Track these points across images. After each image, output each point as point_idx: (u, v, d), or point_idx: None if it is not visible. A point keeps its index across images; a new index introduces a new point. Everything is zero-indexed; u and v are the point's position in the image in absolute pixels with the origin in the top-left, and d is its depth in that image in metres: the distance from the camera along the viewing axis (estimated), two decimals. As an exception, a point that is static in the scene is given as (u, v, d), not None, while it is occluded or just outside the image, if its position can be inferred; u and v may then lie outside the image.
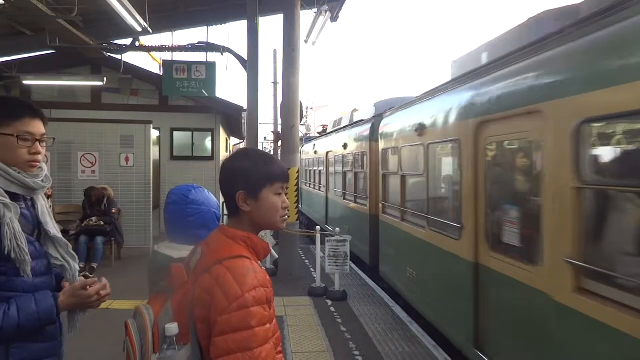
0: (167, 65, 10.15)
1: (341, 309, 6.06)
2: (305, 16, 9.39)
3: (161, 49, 10.45)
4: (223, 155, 12.63)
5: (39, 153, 1.61)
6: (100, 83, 10.21)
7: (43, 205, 1.69)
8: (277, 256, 8.01)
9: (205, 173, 11.73)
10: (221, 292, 1.21)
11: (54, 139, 1.76)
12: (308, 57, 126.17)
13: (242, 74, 11.06)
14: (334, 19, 8.74)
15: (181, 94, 10.51)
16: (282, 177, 1.45)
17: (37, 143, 1.60)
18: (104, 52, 10.34)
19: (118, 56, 10.44)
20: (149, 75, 11.80)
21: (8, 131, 1.56)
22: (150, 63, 33.04)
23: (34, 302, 1.50)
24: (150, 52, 11.35)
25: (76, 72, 11.22)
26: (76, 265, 1.70)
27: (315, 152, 13.63)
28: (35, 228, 1.62)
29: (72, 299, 1.59)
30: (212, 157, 11.98)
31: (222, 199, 1.53)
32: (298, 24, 7.68)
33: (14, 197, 1.55)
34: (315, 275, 7.04)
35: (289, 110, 7.74)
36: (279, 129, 8.89)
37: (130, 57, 18.00)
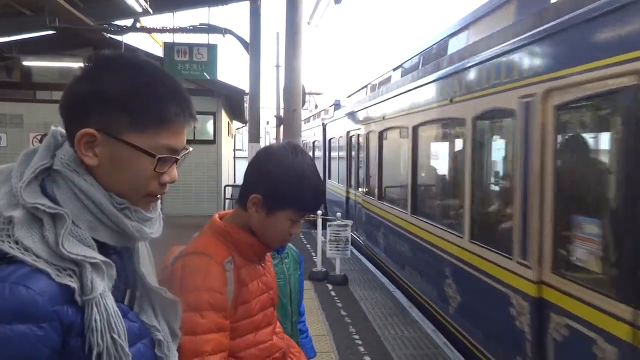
0: (168, 47, 10.05)
1: (342, 293, 6.10)
2: (308, -2, 9.26)
3: (162, 30, 10.34)
4: (225, 139, 12.55)
5: (173, 181, 0.92)
6: (101, 65, 10.11)
7: (146, 248, 1.01)
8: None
9: (207, 157, 11.69)
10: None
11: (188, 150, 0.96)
12: (311, 42, 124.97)
13: (245, 58, 10.98)
14: (337, 0, 8.58)
15: (182, 76, 10.39)
16: (309, 208, 1.27)
17: (175, 164, 0.91)
18: (104, 34, 10.22)
19: (119, 37, 10.33)
20: (150, 57, 11.68)
21: (145, 143, 0.85)
22: (151, 45, 32.78)
23: None
24: (151, 34, 11.22)
25: (76, 54, 11.12)
26: (166, 329, 0.96)
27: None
28: (127, 287, 0.91)
29: None
30: (213, 141, 11.92)
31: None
32: (301, 5, 7.56)
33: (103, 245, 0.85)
34: (316, 260, 7.07)
35: (291, 93, 7.67)
36: (282, 112, 8.85)
37: (131, 39, 17.84)
